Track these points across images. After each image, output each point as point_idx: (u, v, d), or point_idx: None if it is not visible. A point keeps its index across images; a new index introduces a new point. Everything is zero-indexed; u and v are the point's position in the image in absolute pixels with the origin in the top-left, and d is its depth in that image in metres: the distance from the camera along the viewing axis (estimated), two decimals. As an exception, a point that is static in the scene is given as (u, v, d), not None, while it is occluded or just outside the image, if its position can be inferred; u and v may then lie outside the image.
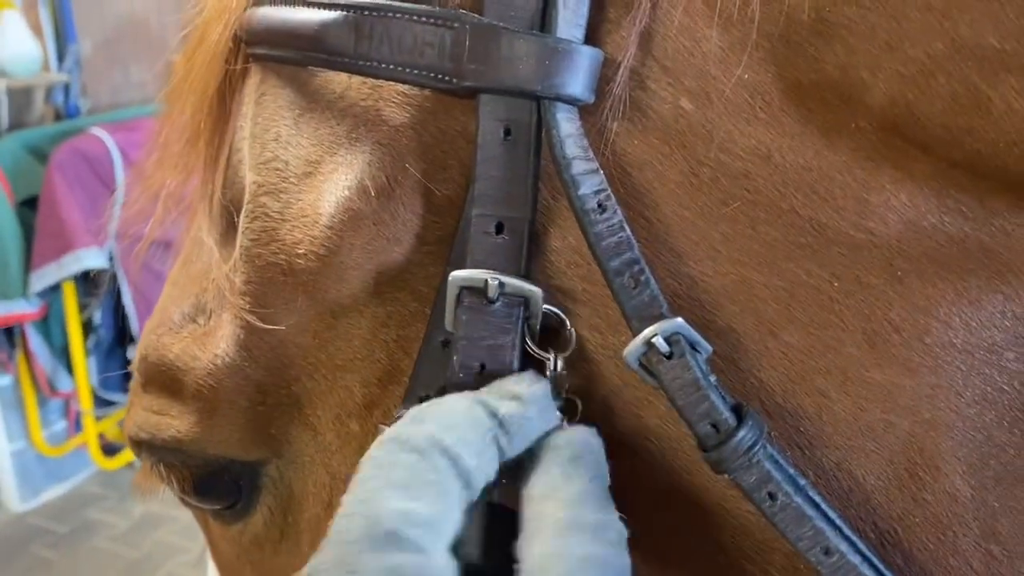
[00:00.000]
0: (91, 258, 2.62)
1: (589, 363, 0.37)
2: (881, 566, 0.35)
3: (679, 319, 0.34)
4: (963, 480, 0.35)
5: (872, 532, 0.36)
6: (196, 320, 0.45)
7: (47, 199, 2.57)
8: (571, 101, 0.34)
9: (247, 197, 0.41)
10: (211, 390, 0.43)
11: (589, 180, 0.34)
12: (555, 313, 0.37)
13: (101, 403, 2.92)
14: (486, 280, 0.36)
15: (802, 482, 0.35)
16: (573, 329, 0.37)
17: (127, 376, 0.50)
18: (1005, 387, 0.35)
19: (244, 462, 0.46)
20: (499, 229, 0.36)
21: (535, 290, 0.36)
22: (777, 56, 0.33)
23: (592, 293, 0.37)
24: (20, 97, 2.97)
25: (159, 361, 0.45)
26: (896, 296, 0.34)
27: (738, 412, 0.34)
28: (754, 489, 0.34)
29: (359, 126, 0.38)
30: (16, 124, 2.94)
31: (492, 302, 0.36)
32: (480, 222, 0.36)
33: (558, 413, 0.36)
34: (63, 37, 3.10)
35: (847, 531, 0.35)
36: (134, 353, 0.49)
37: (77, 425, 3.01)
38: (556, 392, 0.36)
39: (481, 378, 0.36)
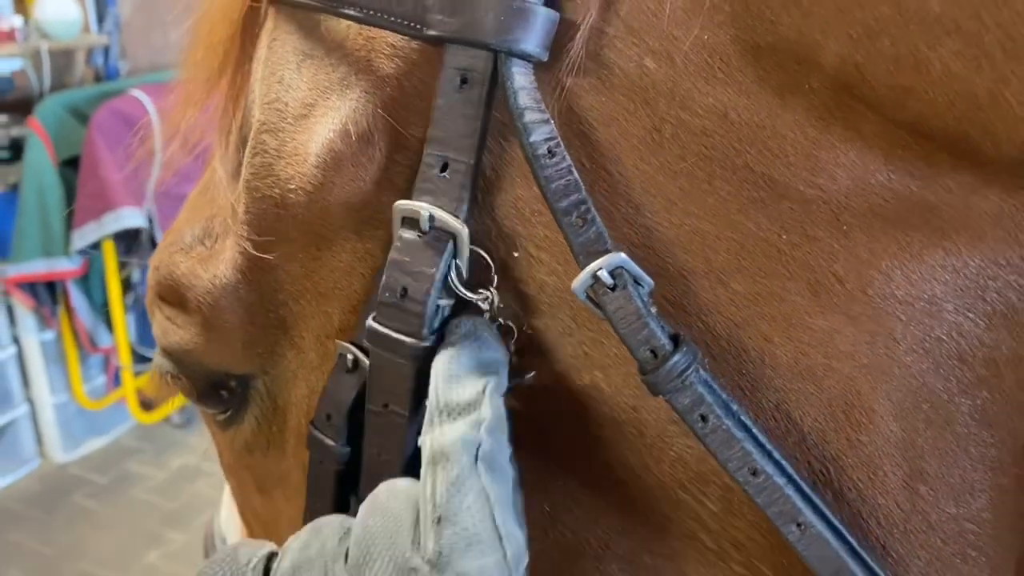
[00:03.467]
0: (131, 217, 2.67)
1: (529, 300, 0.40)
2: (806, 488, 0.36)
3: (622, 254, 0.36)
4: (896, 422, 0.37)
5: (806, 471, 0.37)
6: (204, 243, 0.49)
7: (88, 159, 2.61)
8: (525, 57, 0.36)
9: (251, 134, 0.44)
10: (209, 307, 0.47)
11: (540, 129, 0.36)
12: (481, 255, 0.39)
13: (140, 359, 2.98)
14: (419, 211, 0.38)
15: (734, 407, 0.37)
16: (496, 275, 0.40)
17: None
18: (943, 336, 0.36)
19: (236, 375, 0.50)
20: (443, 168, 0.38)
21: (462, 228, 0.38)
22: (736, 18, 0.34)
23: (533, 235, 0.39)
24: (61, 59, 3.03)
25: (168, 275, 0.49)
26: (841, 249, 0.35)
27: (675, 340, 0.36)
28: (687, 411, 0.36)
29: (351, 74, 0.41)
30: (57, 85, 2.99)
31: (424, 233, 0.39)
32: (429, 160, 0.38)
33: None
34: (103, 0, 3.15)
35: (777, 455, 0.36)
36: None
37: (116, 380, 3.08)
38: (493, 321, 0.40)
39: (402, 302, 0.39)
